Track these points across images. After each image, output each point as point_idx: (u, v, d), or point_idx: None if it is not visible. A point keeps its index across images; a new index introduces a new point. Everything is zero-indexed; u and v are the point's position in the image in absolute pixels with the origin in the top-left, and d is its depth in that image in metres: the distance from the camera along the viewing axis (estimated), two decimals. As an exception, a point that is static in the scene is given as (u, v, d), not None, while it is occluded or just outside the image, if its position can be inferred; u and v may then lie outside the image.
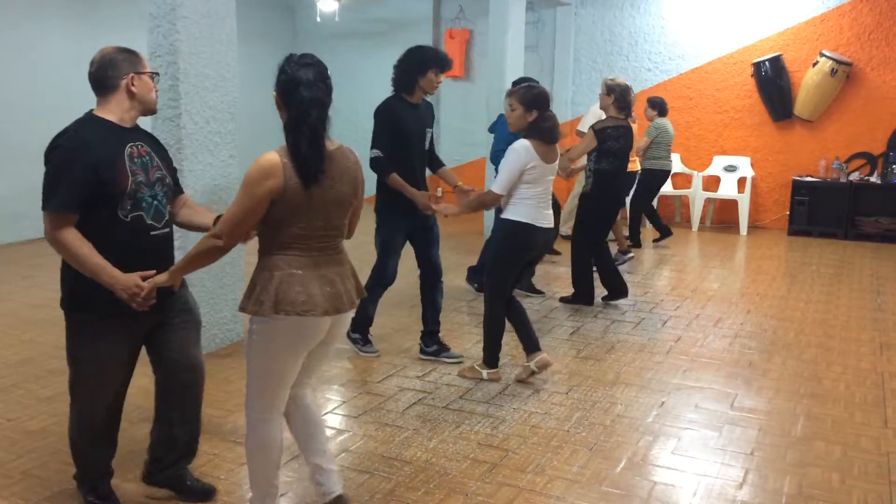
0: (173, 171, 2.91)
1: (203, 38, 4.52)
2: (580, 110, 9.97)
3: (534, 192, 4.16)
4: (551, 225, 4.30)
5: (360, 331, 4.80)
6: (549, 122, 4.16)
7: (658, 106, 8.27)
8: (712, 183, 9.75)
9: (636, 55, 10.26)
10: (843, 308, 6.04)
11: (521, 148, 4.10)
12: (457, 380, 4.40)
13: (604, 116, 5.97)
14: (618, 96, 5.72)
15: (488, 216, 9.04)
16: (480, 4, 9.64)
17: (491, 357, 4.42)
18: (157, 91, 2.83)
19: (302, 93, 2.41)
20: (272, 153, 2.42)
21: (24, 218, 8.26)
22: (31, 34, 8.23)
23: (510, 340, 5.19)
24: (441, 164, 4.82)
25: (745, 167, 9.61)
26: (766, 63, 9.37)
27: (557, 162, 4.28)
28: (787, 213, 9.42)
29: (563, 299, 6.15)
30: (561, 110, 10.60)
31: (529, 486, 3.18)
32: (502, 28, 8.57)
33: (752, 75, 9.56)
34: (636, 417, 3.92)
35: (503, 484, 3.20)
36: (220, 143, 4.67)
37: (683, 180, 9.96)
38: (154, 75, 2.81)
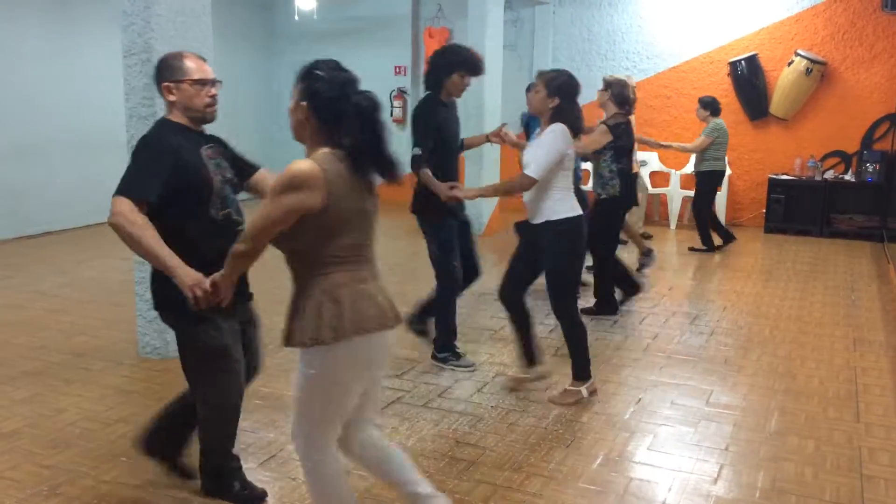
0: (240, 166, 2.94)
1: (178, 36, 4.48)
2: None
3: (569, 181, 3.98)
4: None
5: (448, 348, 4.58)
6: (576, 112, 3.97)
7: (710, 106, 8.06)
8: (690, 181, 9.77)
9: (614, 54, 10.32)
10: (817, 304, 6.12)
11: (561, 131, 3.87)
12: (435, 378, 4.40)
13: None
14: (615, 91, 5.51)
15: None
16: (459, 3, 9.65)
17: (581, 370, 4.14)
18: (211, 96, 2.78)
19: (355, 99, 2.32)
20: (307, 162, 2.26)
21: (0, 218, 8.18)
22: (6, 33, 8.12)
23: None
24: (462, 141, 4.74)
25: (721, 165, 9.68)
26: (742, 62, 9.45)
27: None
28: (764, 211, 9.51)
29: (585, 311, 5.62)
30: (540, 109, 10.62)
31: (506, 484, 3.19)
32: (481, 27, 8.58)
33: (728, 74, 9.64)
34: (613, 414, 3.95)
35: (481, 481, 3.21)
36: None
37: (661, 179, 10.03)
38: (200, 83, 2.76)
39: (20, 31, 8.24)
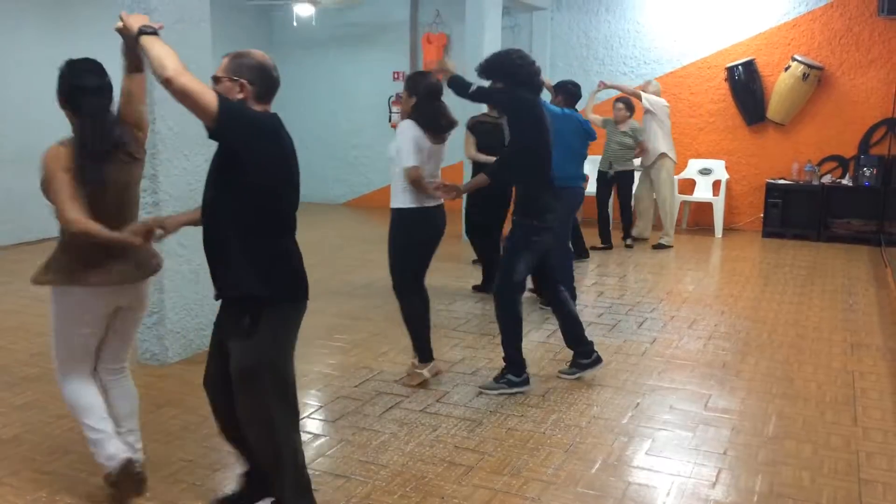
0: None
1: (177, 43, 4.42)
2: (557, 114, 10.01)
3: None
4: (439, 203, 4.34)
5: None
6: (432, 110, 4.20)
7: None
8: (687, 186, 9.85)
9: (611, 59, 10.35)
10: (815, 309, 6.13)
11: (408, 125, 4.19)
12: (434, 383, 4.41)
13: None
14: None
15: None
16: (457, 9, 9.68)
17: (422, 352, 4.41)
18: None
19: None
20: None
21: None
22: (6, 41, 8.15)
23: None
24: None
25: (719, 170, 9.71)
26: (740, 67, 9.49)
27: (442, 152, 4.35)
28: (761, 215, 9.53)
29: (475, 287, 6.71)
30: (538, 114, 10.64)
31: (505, 489, 3.20)
32: (479, 33, 8.60)
33: (725, 79, 9.67)
34: (611, 419, 3.95)
35: (479, 486, 3.22)
36: (195, 149, 4.65)
37: (659, 183, 10.04)
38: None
39: (19, 38, 8.27)
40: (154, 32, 2.51)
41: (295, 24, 11.00)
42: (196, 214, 2.87)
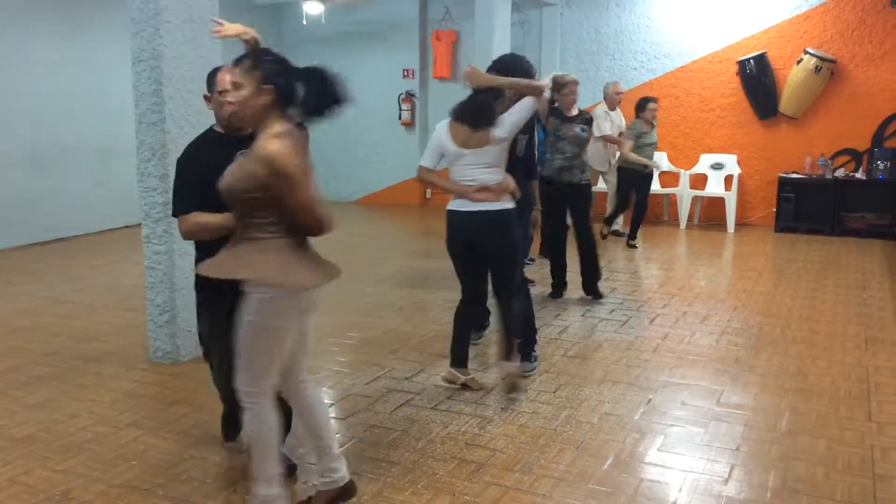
0: None
1: (187, 42, 4.51)
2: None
3: (455, 177, 4.09)
4: (479, 209, 3.99)
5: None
6: (464, 105, 4.02)
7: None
8: (699, 181, 9.80)
9: (622, 54, 10.31)
10: (828, 303, 6.08)
11: (440, 125, 4.13)
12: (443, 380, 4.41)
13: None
14: None
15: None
16: (466, 6, 9.67)
17: (455, 356, 4.33)
18: (229, 103, 2.91)
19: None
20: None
21: (13, 225, 8.25)
22: (15, 40, 8.20)
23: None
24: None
25: (731, 165, 9.66)
26: (751, 61, 9.43)
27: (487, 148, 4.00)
28: (774, 210, 9.48)
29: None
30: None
31: (516, 485, 3.19)
32: (488, 29, 8.58)
33: (737, 73, 9.61)
34: (623, 415, 3.94)
35: (490, 483, 3.21)
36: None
37: (671, 178, 10.01)
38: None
39: (31, 40, 8.31)
40: None
41: (304, 22, 11.03)
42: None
